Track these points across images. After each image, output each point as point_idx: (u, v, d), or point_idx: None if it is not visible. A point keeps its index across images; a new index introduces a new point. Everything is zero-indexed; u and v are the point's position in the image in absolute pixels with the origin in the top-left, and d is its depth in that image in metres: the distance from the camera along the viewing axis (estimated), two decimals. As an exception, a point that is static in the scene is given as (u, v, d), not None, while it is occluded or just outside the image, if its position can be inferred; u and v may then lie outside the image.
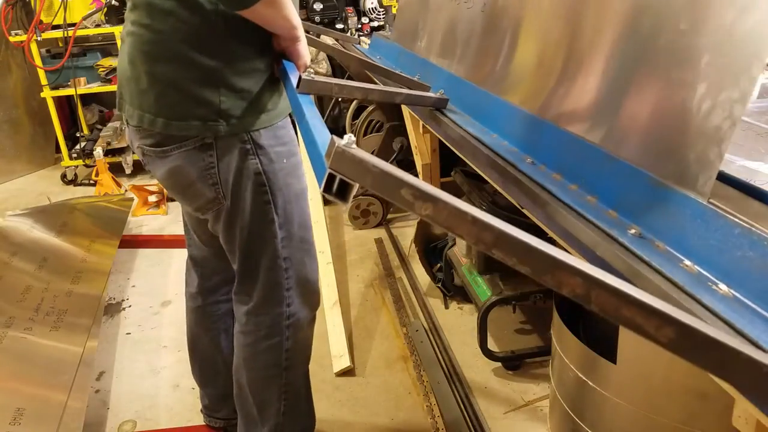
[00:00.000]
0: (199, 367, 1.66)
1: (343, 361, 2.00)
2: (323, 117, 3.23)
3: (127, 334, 2.30)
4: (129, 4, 1.17)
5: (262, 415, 1.43)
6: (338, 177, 0.52)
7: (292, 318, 1.36)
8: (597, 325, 1.38)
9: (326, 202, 3.13)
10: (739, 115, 0.71)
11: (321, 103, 3.34)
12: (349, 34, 2.92)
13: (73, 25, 3.77)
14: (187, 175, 1.19)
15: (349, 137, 0.53)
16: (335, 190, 0.53)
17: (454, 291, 2.30)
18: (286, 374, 1.40)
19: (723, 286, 0.69)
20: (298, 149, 1.30)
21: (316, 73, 3.43)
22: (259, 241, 1.27)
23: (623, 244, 0.79)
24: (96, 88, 3.96)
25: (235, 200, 1.22)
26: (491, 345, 1.91)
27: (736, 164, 0.91)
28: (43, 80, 3.88)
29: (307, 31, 1.28)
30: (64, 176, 4.05)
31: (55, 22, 3.78)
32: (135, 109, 1.16)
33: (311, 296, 1.40)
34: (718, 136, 0.74)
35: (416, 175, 2.57)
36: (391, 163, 3.00)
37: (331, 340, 2.10)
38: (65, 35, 3.77)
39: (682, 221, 0.77)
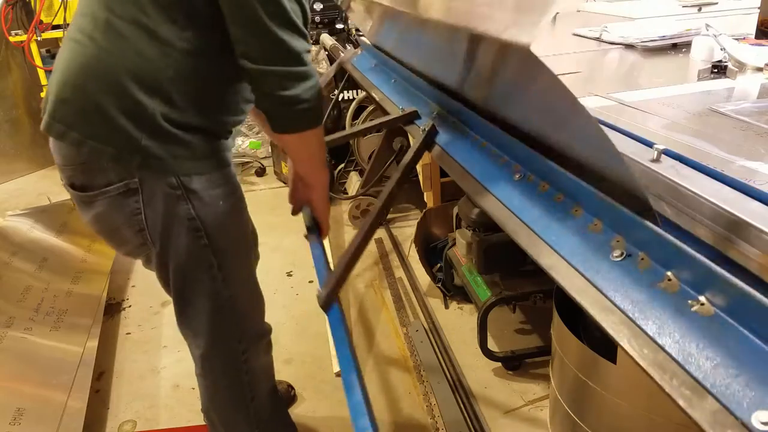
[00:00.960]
0: None
1: None
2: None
3: (127, 334, 2.30)
4: (82, 9, 1.11)
5: None
6: None
7: (247, 352, 1.34)
8: (597, 325, 1.38)
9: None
10: None
11: (321, 103, 3.34)
12: (344, 45, 2.92)
13: (73, 25, 3.77)
14: (112, 221, 1.15)
15: None
16: None
17: (454, 291, 2.30)
18: (253, 404, 1.40)
19: (703, 300, 0.66)
20: (236, 187, 1.23)
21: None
22: (196, 284, 1.22)
23: (604, 265, 0.77)
24: (96, 88, 3.96)
25: (165, 245, 1.16)
26: (491, 345, 1.91)
27: (736, 164, 0.91)
28: (43, 80, 3.88)
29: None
30: (64, 176, 4.05)
31: (55, 22, 3.77)
32: (50, 118, 1.10)
33: (261, 322, 1.40)
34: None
35: (416, 176, 2.57)
36: (390, 163, 3.01)
37: (331, 340, 2.10)
38: (65, 35, 3.77)
39: (644, 229, 0.75)
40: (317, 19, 3.25)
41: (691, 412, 0.56)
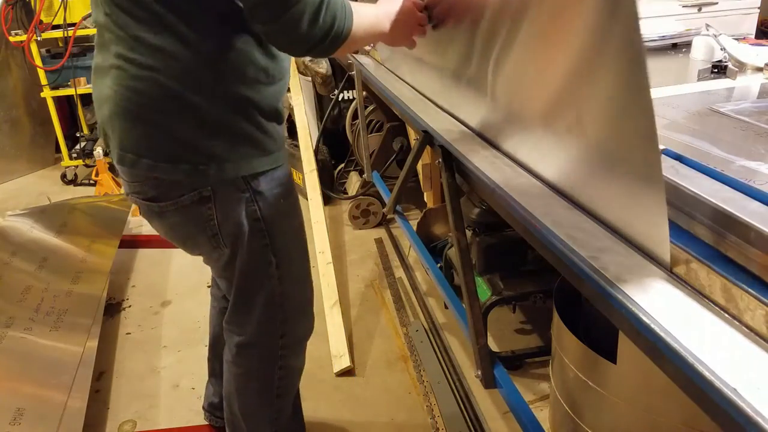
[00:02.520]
0: (220, 363, 1.66)
1: (343, 361, 2.00)
2: (323, 117, 3.24)
3: (127, 334, 2.30)
4: (110, 34, 1.08)
5: None
6: None
7: (286, 348, 1.37)
8: (597, 325, 1.38)
9: (326, 202, 3.12)
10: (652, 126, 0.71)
11: (321, 103, 3.34)
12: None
13: (73, 25, 3.77)
14: (186, 230, 1.19)
15: None
16: None
17: (455, 291, 2.30)
18: (278, 401, 1.42)
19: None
20: (293, 187, 1.28)
21: (316, 73, 3.40)
22: (256, 281, 1.27)
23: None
24: (96, 88, 3.96)
25: (235, 247, 1.21)
26: (491, 345, 1.91)
27: (736, 164, 0.91)
28: (43, 80, 3.88)
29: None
30: (64, 176, 4.05)
31: (55, 22, 3.78)
32: (116, 149, 1.11)
33: (306, 324, 1.42)
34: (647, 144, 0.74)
35: (416, 175, 2.57)
36: (390, 163, 3.01)
37: (331, 340, 2.10)
38: (65, 35, 3.77)
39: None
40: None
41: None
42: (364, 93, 2.74)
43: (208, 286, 2.54)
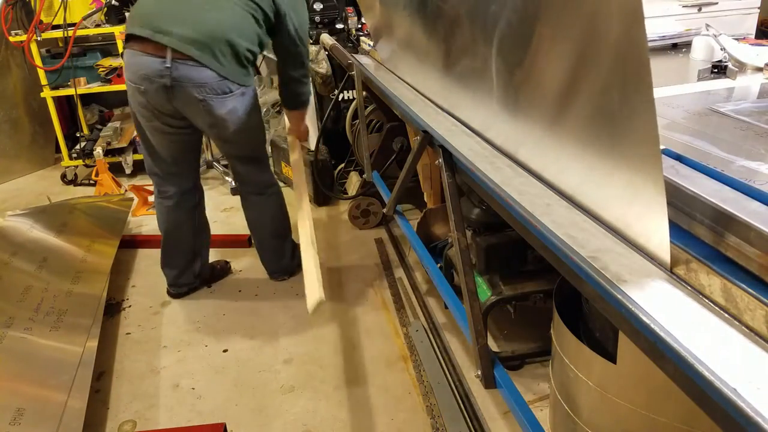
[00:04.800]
0: (177, 250, 2.40)
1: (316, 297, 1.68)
2: (323, 118, 3.24)
3: (127, 334, 2.30)
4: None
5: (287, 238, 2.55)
6: None
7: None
8: (597, 325, 1.38)
9: (326, 202, 3.12)
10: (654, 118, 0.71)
11: (321, 103, 3.34)
12: (344, 45, 2.91)
13: (73, 25, 3.77)
14: (243, 108, 2.11)
15: None
16: None
17: (455, 291, 2.30)
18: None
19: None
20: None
21: (316, 73, 3.40)
22: (262, 139, 2.34)
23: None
24: (96, 88, 3.95)
25: (259, 114, 2.28)
26: (491, 345, 1.90)
27: (736, 164, 0.91)
28: (43, 80, 3.88)
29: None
30: (64, 176, 4.05)
31: (55, 22, 3.77)
32: (215, 59, 1.97)
33: None
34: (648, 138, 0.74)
35: (416, 175, 2.57)
36: (390, 163, 3.00)
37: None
38: (65, 35, 3.77)
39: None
40: (317, 19, 3.24)
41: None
42: (364, 93, 2.74)
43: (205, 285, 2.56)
